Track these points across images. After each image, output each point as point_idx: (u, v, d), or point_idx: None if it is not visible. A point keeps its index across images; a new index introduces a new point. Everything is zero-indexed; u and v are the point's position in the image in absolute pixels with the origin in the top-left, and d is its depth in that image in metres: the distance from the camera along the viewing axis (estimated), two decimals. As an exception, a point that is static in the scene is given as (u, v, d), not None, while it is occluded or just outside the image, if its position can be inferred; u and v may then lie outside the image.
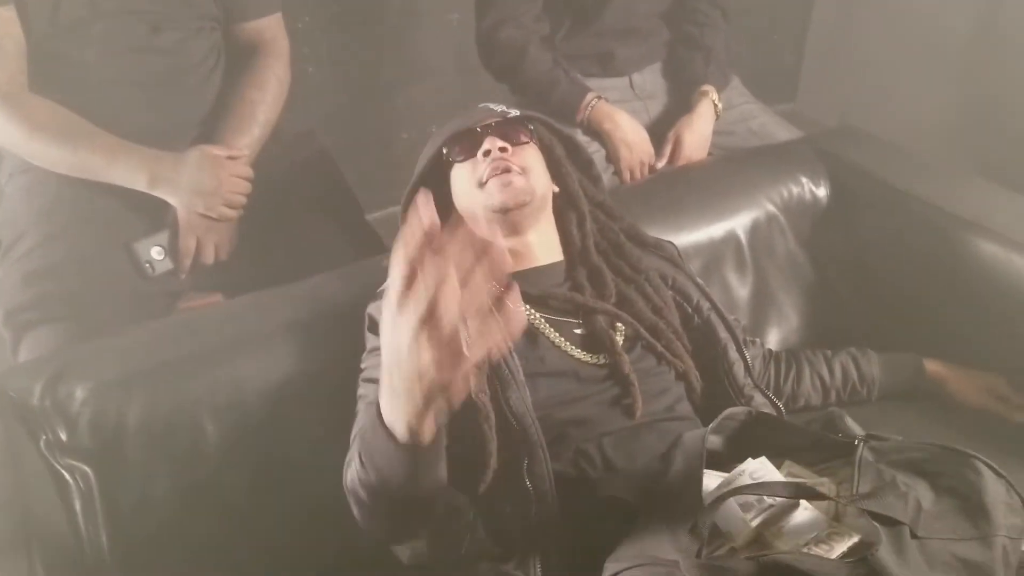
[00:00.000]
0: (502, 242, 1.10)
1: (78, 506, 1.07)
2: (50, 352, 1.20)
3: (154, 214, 1.34)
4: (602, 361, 1.07)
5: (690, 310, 1.17)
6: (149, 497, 1.10)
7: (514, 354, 1.01)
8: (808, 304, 1.51)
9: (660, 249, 1.23)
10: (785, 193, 1.52)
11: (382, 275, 1.20)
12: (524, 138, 1.15)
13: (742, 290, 1.46)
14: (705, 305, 1.18)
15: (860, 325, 1.48)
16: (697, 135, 1.64)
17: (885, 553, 0.77)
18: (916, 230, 1.45)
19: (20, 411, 1.07)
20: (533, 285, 1.10)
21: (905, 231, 1.47)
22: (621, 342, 1.09)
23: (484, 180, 1.10)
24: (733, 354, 1.16)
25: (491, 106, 1.19)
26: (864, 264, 1.52)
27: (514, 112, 1.16)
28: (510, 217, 1.09)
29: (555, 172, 1.19)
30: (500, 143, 1.11)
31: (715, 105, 1.67)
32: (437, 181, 1.15)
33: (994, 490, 0.88)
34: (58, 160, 1.29)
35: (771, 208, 1.50)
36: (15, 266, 1.32)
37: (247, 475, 1.13)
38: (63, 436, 1.07)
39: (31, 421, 1.07)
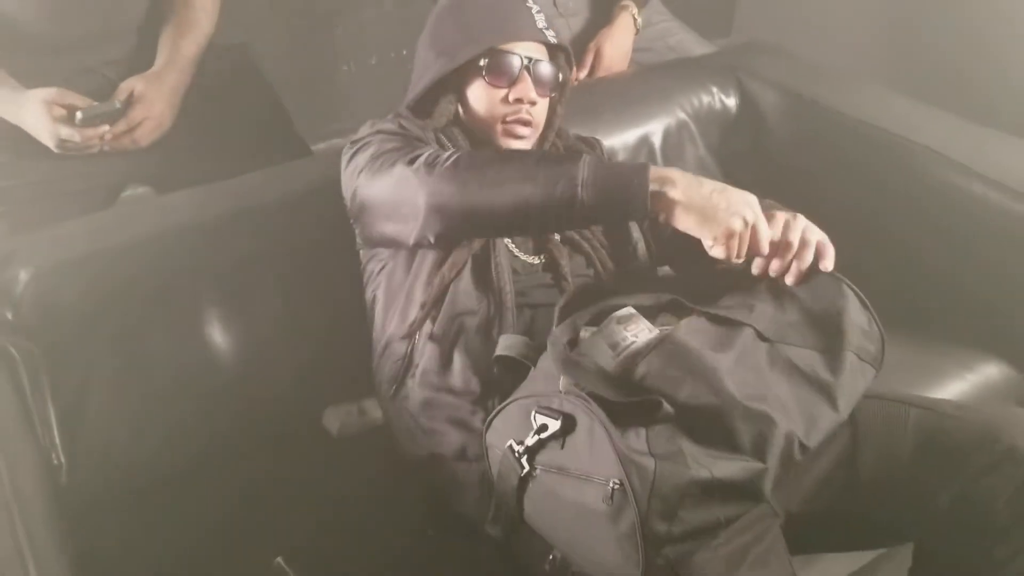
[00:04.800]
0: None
1: (26, 383, 1.15)
2: (-6, 243, 1.27)
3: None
4: (540, 261, 1.16)
5: None
6: (93, 376, 1.18)
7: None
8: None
9: (593, 152, 1.31)
10: (696, 102, 1.62)
11: (307, 176, 1.31)
12: (550, 91, 1.21)
13: (654, 193, 1.56)
14: None
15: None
16: (617, 47, 1.72)
17: (687, 333, 0.89)
18: (820, 136, 1.56)
19: (-33, 294, 1.14)
20: None
21: (810, 137, 1.58)
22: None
23: (505, 121, 1.18)
24: (642, 252, 1.23)
25: (534, 12, 1.21)
26: (771, 170, 1.62)
27: (552, 37, 1.21)
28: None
29: (551, 106, 1.25)
30: (533, 95, 1.17)
31: (635, 19, 1.74)
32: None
33: (856, 316, 0.99)
34: None
35: (682, 116, 1.60)
36: (-42, 168, 1.38)
37: (183, 353, 1.22)
38: (9, 315, 1.14)
39: (-23, 303, 1.14)
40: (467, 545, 1.03)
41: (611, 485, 0.81)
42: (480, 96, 1.19)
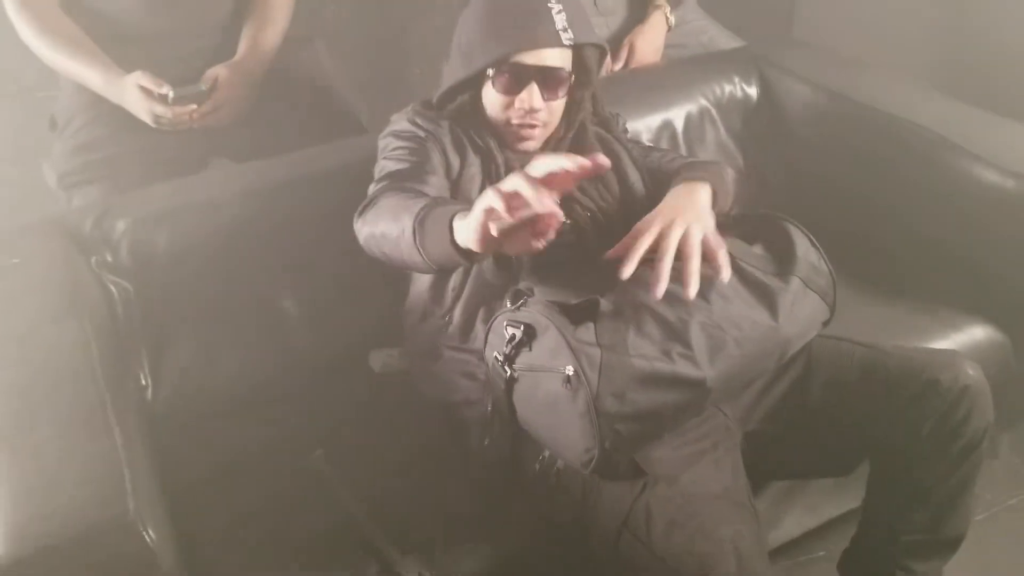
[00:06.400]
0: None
1: (121, 315, 1.37)
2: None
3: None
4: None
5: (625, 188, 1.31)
6: (176, 311, 1.40)
7: None
8: (737, 189, 1.75)
9: (615, 137, 1.37)
10: (718, 90, 1.76)
11: (362, 148, 1.47)
12: (561, 93, 1.23)
13: (676, 172, 1.71)
14: (634, 177, 1.31)
15: (785, 208, 1.69)
16: (649, 42, 1.87)
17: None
18: (831, 118, 1.69)
19: (76, 240, 1.37)
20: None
21: (821, 119, 1.70)
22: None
23: (510, 123, 1.23)
24: (639, 190, 1.30)
25: (554, 13, 1.18)
26: (787, 150, 1.76)
27: (567, 40, 1.18)
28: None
29: (574, 99, 1.28)
30: (538, 103, 1.20)
31: (667, 17, 1.89)
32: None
33: (805, 252, 1.15)
34: (60, 66, 1.59)
35: (704, 103, 1.74)
36: (68, 141, 1.64)
37: (252, 296, 1.43)
38: (109, 258, 1.37)
39: (85, 247, 1.36)
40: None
41: (567, 371, 0.98)
42: (490, 99, 1.24)
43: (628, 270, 1.02)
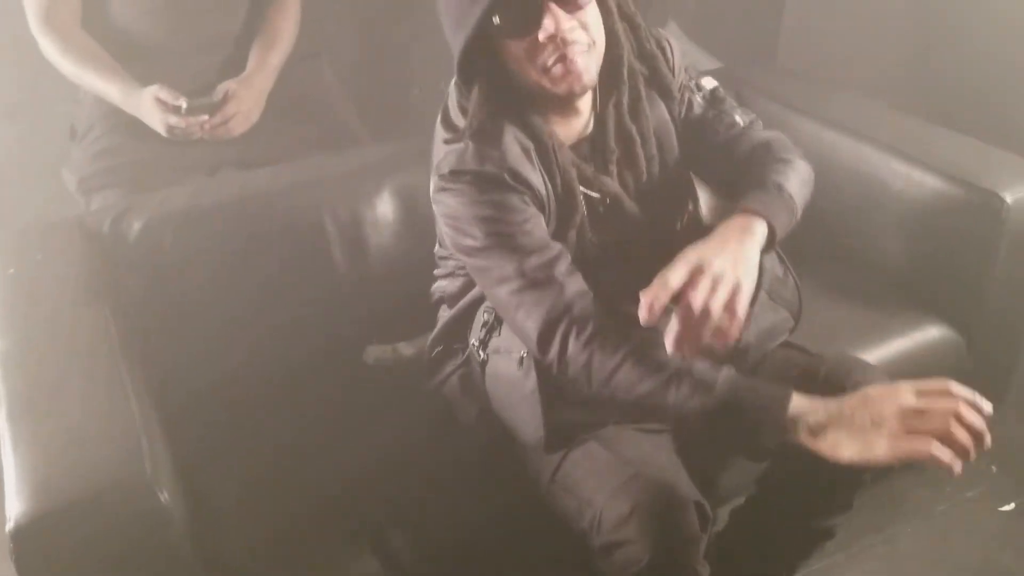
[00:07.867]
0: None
1: (133, 306, 1.47)
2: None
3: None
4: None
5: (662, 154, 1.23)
6: (185, 305, 1.50)
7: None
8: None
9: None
10: (695, 106, 1.88)
11: (363, 158, 1.63)
12: (586, 0, 1.02)
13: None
14: (670, 143, 1.23)
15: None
16: (633, 63, 1.99)
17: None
18: (803, 138, 1.76)
19: (95, 238, 1.48)
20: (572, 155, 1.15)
21: (793, 137, 1.80)
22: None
23: (548, 67, 1.03)
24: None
25: None
26: None
27: None
28: (570, 98, 1.08)
29: (608, 29, 1.09)
30: (564, 18, 0.99)
31: (650, 40, 2.02)
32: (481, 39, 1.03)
33: (771, 264, 1.19)
34: (81, 80, 1.71)
35: (683, 117, 1.86)
36: (87, 148, 1.76)
37: (256, 292, 1.53)
38: (124, 255, 1.47)
39: (103, 245, 1.47)
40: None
41: (521, 354, 1.08)
42: (514, 56, 1.04)
43: (648, 320, 0.96)
